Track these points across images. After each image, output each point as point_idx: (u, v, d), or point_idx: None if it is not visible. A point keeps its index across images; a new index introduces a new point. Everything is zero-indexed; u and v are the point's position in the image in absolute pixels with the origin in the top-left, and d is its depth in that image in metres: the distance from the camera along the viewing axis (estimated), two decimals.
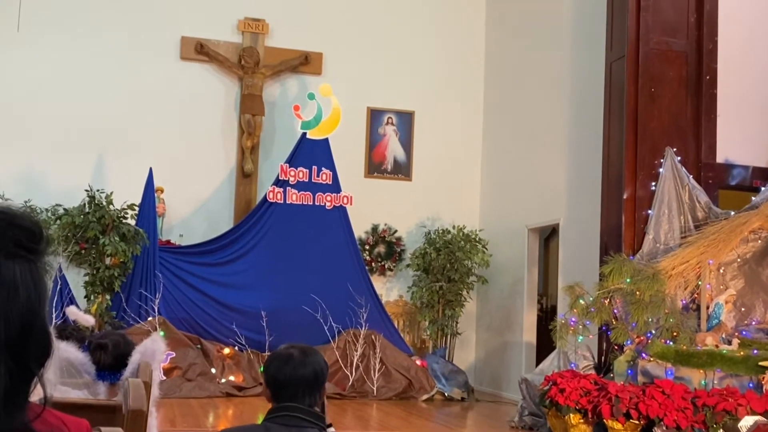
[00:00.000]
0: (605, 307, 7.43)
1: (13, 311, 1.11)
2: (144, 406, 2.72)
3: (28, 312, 1.13)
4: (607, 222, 8.29)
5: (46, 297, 1.17)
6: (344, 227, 10.33)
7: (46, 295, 1.17)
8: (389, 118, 11.87)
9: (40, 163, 10.48)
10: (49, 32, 10.71)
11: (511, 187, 11.14)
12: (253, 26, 11.32)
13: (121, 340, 4.13)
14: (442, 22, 12.07)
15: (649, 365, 6.94)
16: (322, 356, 2.78)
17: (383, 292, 11.31)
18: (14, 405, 1.11)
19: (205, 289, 9.91)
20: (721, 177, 8.22)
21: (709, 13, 8.21)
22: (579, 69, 9.60)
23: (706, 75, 8.14)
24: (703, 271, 7.44)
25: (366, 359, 9.80)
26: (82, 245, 9.43)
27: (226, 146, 11.28)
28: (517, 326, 10.66)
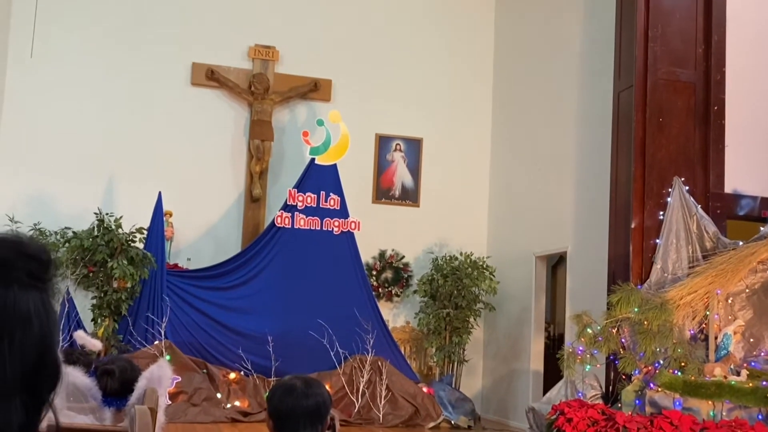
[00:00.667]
0: (613, 336, 7.40)
1: (28, 344, 1.11)
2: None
3: (41, 343, 1.13)
4: (615, 251, 8.27)
5: (57, 326, 1.18)
6: (352, 252, 10.34)
7: (57, 324, 1.17)
8: (397, 144, 11.93)
9: (51, 186, 10.55)
10: (62, 58, 10.83)
11: (518, 214, 11.14)
12: (264, 53, 11.43)
13: (127, 365, 4.14)
14: (450, 50, 12.15)
15: (657, 395, 6.90)
16: (325, 388, 2.78)
17: (390, 318, 11.29)
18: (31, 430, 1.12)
19: (211, 314, 9.90)
20: (729, 207, 8.21)
21: (717, 44, 8.25)
22: (587, 98, 9.64)
23: (714, 105, 8.16)
24: (711, 302, 7.41)
25: (372, 386, 9.76)
26: (90, 268, 9.46)
27: (235, 171, 11.34)
28: (525, 354, 10.61)
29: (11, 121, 10.59)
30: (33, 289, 1.13)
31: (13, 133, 10.58)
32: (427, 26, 12.11)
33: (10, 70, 10.66)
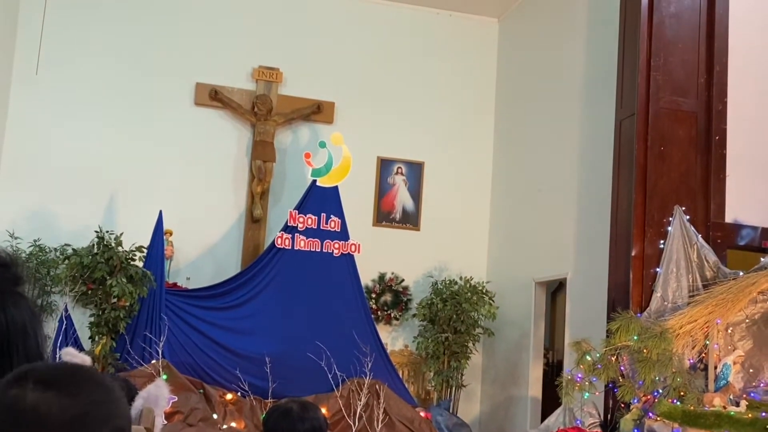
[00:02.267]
0: (612, 364, 7.37)
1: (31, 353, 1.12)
2: None
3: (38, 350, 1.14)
4: (615, 278, 8.27)
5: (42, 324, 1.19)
6: (351, 275, 10.33)
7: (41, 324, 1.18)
8: (399, 168, 11.96)
9: (51, 203, 10.56)
10: (66, 75, 10.89)
11: (519, 239, 11.15)
12: (267, 75, 11.49)
13: (123, 385, 4.11)
14: (453, 75, 12.22)
15: (655, 425, 6.86)
16: (321, 412, 2.79)
17: (389, 342, 11.26)
18: None
19: (209, 333, 9.87)
20: (730, 237, 8.21)
21: (719, 74, 8.30)
22: (589, 125, 9.68)
23: (716, 135, 8.19)
24: (711, 331, 7.39)
25: (369, 409, 9.70)
26: (89, 286, 9.45)
27: (236, 191, 11.36)
28: (523, 380, 10.56)
29: (14, 137, 10.62)
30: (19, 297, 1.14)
31: (16, 149, 10.61)
32: (431, 52, 12.18)
33: (14, 87, 10.71)
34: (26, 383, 1.13)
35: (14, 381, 1.14)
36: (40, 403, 1.11)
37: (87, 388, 1.15)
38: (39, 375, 1.14)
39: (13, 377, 1.15)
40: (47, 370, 1.15)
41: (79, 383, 1.15)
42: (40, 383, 1.13)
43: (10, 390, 1.13)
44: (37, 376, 1.13)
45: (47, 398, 1.11)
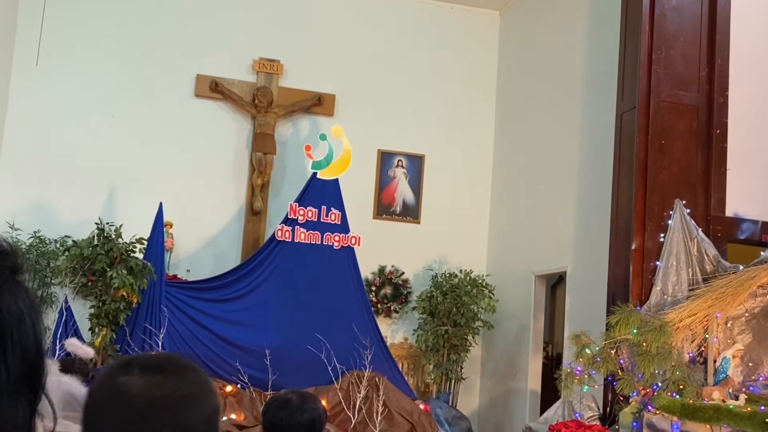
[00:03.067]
0: (611, 357, 7.38)
1: (26, 341, 1.12)
2: None
3: (36, 339, 1.14)
4: (615, 272, 8.27)
5: (41, 315, 1.19)
6: (351, 268, 10.32)
7: (41, 316, 1.19)
8: (399, 160, 11.95)
9: (51, 194, 10.56)
10: (66, 67, 10.87)
11: (519, 233, 11.15)
12: (268, 67, 11.47)
13: None
14: (454, 68, 12.20)
15: (654, 418, 6.87)
16: (321, 403, 2.78)
17: (388, 334, 11.26)
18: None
19: (209, 325, 9.88)
20: (730, 231, 8.21)
21: (720, 67, 8.29)
22: (590, 118, 9.67)
23: (717, 129, 8.19)
24: (710, 325, 7.40)
25: (369, 401, 9.72)
26: (90, 277, 9.45)
27: (236, 183, 11.36)
28: (522, 373, 10.58)
29: (14, 129, 10.62)
30: (16, 285, 1.14)
31: (16, 141, 10.61)
32: (431, 44, 12.16)
33: (14, 78, 10.70)
34: (132, 369, 1.24)
35: (120, 368, 1.25)
36: (151, 385, 1.22)
37: (187, 372, 1.27)
38: (143, 362, 1.25)
39: (118, 365, 1.26)
40: (149, 358, 1.27)
41: (180, 368, 1.27)
42: (146, 369, 1.24)
43: (119, 377, 1.23)
44: (141, 363, 1.24)
45: (156, 381, 1.22)
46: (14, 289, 1.13)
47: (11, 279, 1.14)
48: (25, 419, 1.12)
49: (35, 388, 1.14)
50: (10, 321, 1.11)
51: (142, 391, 1.21)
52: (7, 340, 1.10)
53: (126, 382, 1.22)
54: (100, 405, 1.24)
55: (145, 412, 1.20)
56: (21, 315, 1.12)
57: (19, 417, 1.10)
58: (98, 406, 1.25)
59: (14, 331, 1.11)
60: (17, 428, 1.10)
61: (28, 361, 1.13)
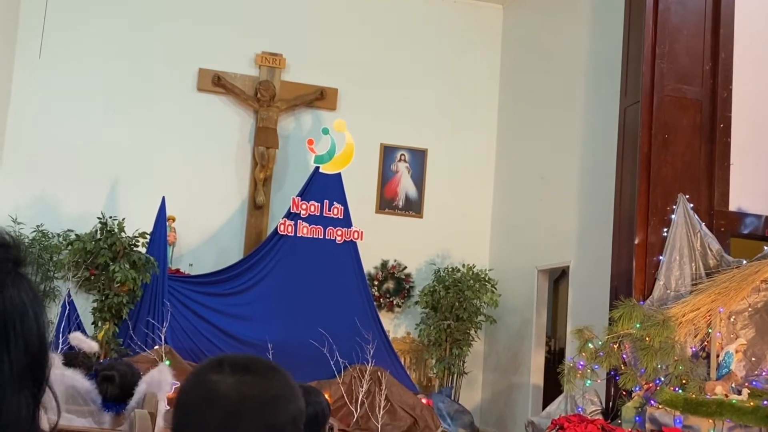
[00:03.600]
0: (614, 351, 7.38)
1: (29, 335, 1.12)
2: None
3: (39, 332, 1.14)
4: (618, 266, 8.26)
5: (44, 308, 1.19)
6: (354, 262, 10.32)
7: (44, 307, 1.19)
8: (402, 155, 11.94)
9: (54, 188, 10.56)
10: (69, 60, 10.86)
11: (521, 227, 11.14)
12: (271, 61, 11.45)
13: (127, 370, 4.13)
14: (457, 62, 12.17)
15: (657, 412, 6.87)
16: (324, 397, 2.78)
17: (391, 329, 11.27)
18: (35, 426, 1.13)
19: (212, 320, 9.89)
20: (734, 225, 8.20)
21: (724, 61, 8.26)
22: (593, 113, 9.65)
23: (720, 123, 8.16)
24: (713, 319, 7.39)
25: (371, 396, 9.72)
26: (92, 271, 9.45)
27: (238, 177, 11.35)
28: (525, 368, 10.58)
29: (18, 122, 10.62)
30: (19, 277, 1.14)
31: (19, 134, 10.60)
32: (434, 39, 12.14)
33: (17, 71, 10.70)
34: (223, 369, 1.27)
35: (211, 368, 1.29)
36: (241, 385, 1.26)
37: (275, 372, 1.31)
38: (233, 362, 1.29)
39: (209, 365, 1.30)
40: (240, 358, 1.31)
41: (269, 369, 1.31)
42: (237, 368, 1.28)
43: (210, 375, 1.27)
44: (232, 363, 1.28)
45: (246, 381, 1.27)
46: (17, 281, 1.13)
47: (14, 271, 1.14)
48: (28, 412, 1.11)
49: (39, 381, 1.14)
50: (13, 313, 1.10)
51: (233, 390, 1.26)
52: (10, 333, 1.09)
53: (217, 381, 1.26)
54: (191, 403, 1.28)
55: (235, 411, 1.24)
56: (24, 307, 1.12)
57: (23, 410, 1.10)
58: (189, 404, 1.28)
59: (17, 324, 1.10)
60: (21, 421, 1.09)
61: (32, 353, 1.12)
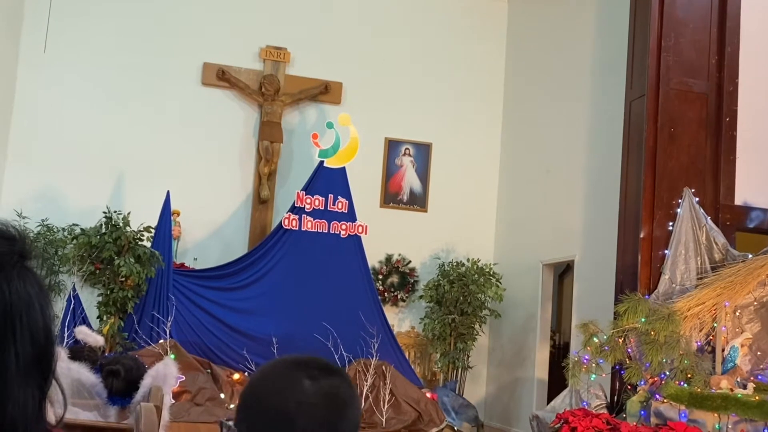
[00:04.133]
0: (619, 346, 7.37)
1: (35, 328, 1.12)
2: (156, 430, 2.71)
3: (45, 325, 1.14)
4: (623, 260, 8.24)
5: (50, 300, 1.19)
6: (358, 256, 10.32)
7: (50, 299, 1.18)
8: (407, 149, 11.92)
9: (59, 182, 10.57)
10: (74, 54, 10.86)
11: (526, 221, 11.12)
12: (275, 55, 11.44)
13: (132, 364, 4.13)
14: (462, 56, 12.14)
15: (662, 406, 6.86)
16: None
17: (395, 323, 11.27)
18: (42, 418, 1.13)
19: (217, 314, 9.90)
20: (739, 219, 8.17)
21: (730, 55, 8.22)
22: (598, 106, 9.62)
23: (726, 117, 8.13)
24: (719, 314, 7.37)
25: (376, 390, 9.73)
26: (97, 266, 9.47)
27: (243, 172, 11.35)
28: (529, 362, 10.57)
29: (22, 116, 10.62)
30: (24, 270, 1.14)
31: (24, 129, 10.61)
32: (439, 33, 12.10)
33: (22, 65, 10.70)
34: (311, 371, 1.30)
35: (298, 368, 1.30)
36: (338, 386, 1.30)
37: (345, 373, 1.36)
38: (317, 364, 1.32)
39: (296, 365, 1.31)
40: (317, 361, 1.34)
41: (341, 370, 1.36)
42: (323, 370, 1.31)
43: (299, 373, 1.29)
44: (318, 365, 1.32)
45: (335, 382, 1.31)
46: (23, 274, 1.13)
47: (20, 264, 1.14)
48: (35, 404, 1.11)
49: (45, 374, 1.14)
50: (19, 305, 1.10)
51: (332, 391, 1.29)
52: (16, 325, 1.09)
53: (312, 383, 1.29)
54: (280, 410, 1.26)
55: (338, 407, 1.28)
56: (30, 300, 1.12)
57: (29, 402, 1.10)
58: (279, 411, 1.27)
59: (23, 316, 1.10)
60: (28, 413, 1.09)
61: (38, 345, 1.12)
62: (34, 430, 1.11)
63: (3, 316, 1.09)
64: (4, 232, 1.16)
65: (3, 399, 1.07)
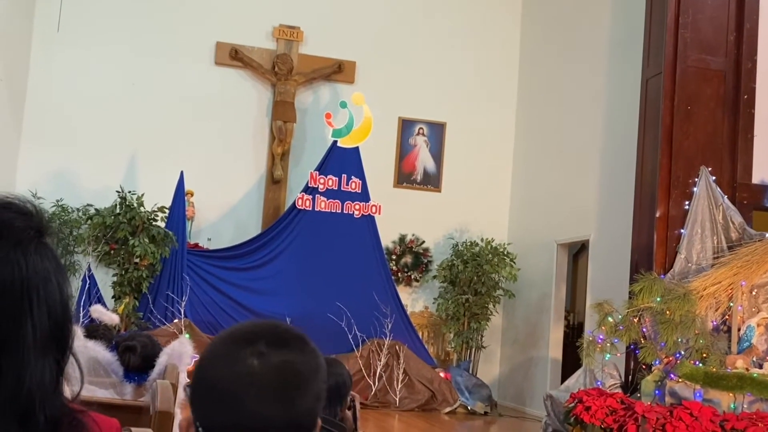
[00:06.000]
0: (634, 325, 7.33)
1: (52, 302, 1.13)
2: (172, 408, 2.72)
3: (62, 299, 1.14)
4: (639, 240, 8.19)
5: (67, 276, 1.19)
6: (372, 236, 10.32)
7: (66, 275, 1.18)
8: (420, 128, 11.86)
9: (74, 163, 10.60)
10: (87, 34, 10.85)
11: (541, 201, 11.06)
12: (288, 34, 11.39)
13: (148, 342, 4.14)
14: (476, 34, 12.04)
15: (677, 386, 6.83)
16: (346, 369, 2.77)
17: (409, 303, 11.28)
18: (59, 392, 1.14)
19: (230, 293, 9.95)
20: (757, 198, 8.08)
21: (749, 31, 8.10)
22: (614, 84, 9.53)
23: (744, 94, 8.02)
24: (735, 293, 7.32)
25: (389, 369, 9.76)
26: (112, 246, 9.52)
27: (256, 152, 11.34)
28: (543, 342, 10.56)
29: (36, 97, 10.64)
30: (44, 247, 1.14)
31: (38, 109, 10.63)
32: (453, 10, 12.00)
33: (36, 45, 10.71)
34: (258, 346, 1.20)
35: (245, 344, 1.21)
36: (292, 359, 1.21)
37: (305, 342, 1.26)
38: (268, 337, 1.23)
39: (244, 340, 1.22)
40: (268, 332, 1.24)
41: (300, 340, 1.25)
42: (272, 345, 1.21)
43: (245, 351, 1.20)
44: (267, 339, 1.22)
45: (288, 356, 1.21)
46: (40, 249, 1.14)
47: (37, 239, 1.14)
48: (52, 377, 1.12)
49: (62, 349, 1.14)
50: (36, 280, 1.11)
51: (278, 365, 1.20)
52: (33, 299, 1.10)
53: (254, 356, 1.20)
54: (224, 388, 1.19)
55: (282, 391, 1.19)
56: (47, 274, 1.13)
57: (46, 375, 1.10)
58: (223, 389, 1.19)
59: (40, 290, 1.11)
60: (45, 386, 1.10)
61: (55, 320, 1.13)
62: (51, 402, 1.11)
63: (20, 290, 1.09)
64: (20, 207, 1.16)
65: (20, 371, 1.08)
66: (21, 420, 1.07)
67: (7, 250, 1.10)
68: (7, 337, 1.08)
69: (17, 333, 1.08)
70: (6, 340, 1.08)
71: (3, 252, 1.10)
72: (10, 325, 1.08)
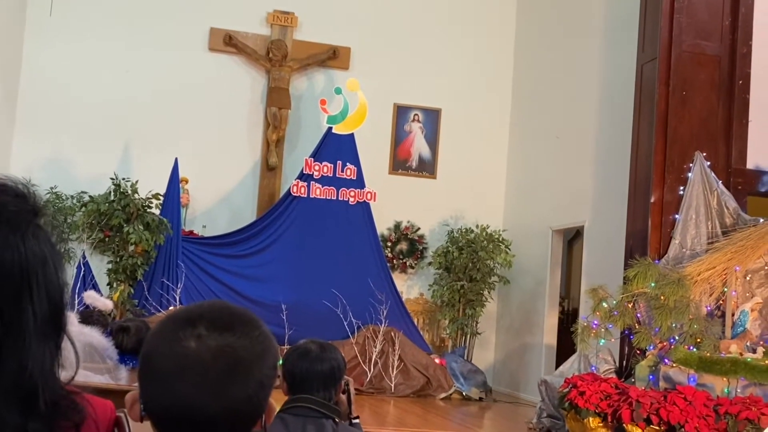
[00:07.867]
0: (628, 310, 7.35)
1: (51, 286, 1.12)
2: None
3: (59, 283, 1.14)
4: (633, 225, 8.20)
5: (63, 259, 1.18)
6: (367, 223, 10.32)
7: (62, 258, 1.18)
8: (416, 115, 11.84)
9: (67, 150, 10.56)
10: (80, 19, 10.79)
11: (536, 187, 11.07)
12: (282, 19, 11.34)
13: (142, 325, 4.16)
14: (471, 20, 12.00)
15: (671, 371, 6.86)
16: (340, 353, 2.79)
17: (404, 290, 11.29)
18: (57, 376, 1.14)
19: (226, 281, 9.95)
20: (751, 183, 8.10)
21: (744, 16, 8.08)
22: (609, 70, 9.52)
23: (739, 80, 8.02)
24: (729, 278, 7.34)
25: (385, 356, 9.78)
26: (107, 233, 9.50)
27: (251, 139, 11.31)
28: (538, 328, 10.59)
29: (29, 83, 10.59)
30: (39, 229, 1.13)
31: (31, 96, 10.58)
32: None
33: (29, 30, 10.64)
34: (199, 328, 1.15)
35: (186, 324, 1.16)
36: (232, 344, 1.16)
37: (252, 326, 1.20)
38: (211, 319, 1.17)
39: (186, 321, 1.17)
40: (212, 314, 1.18)
41: (246, 323, 1.20)
42: (214, 327, 1.16)
43: (184, 331, 1.15)
44: (209, 321, 1.16)
45: (229, 340, 1.16)
46: (36, 232, 1.13)
47: (33, 222, 1.13)
48: (52, 361, 1.12)
49: (59, 332, 1.14)
50: (35, 263, 1.10)
51: (216, 352, 1.15)
52: (33, 283, 1.09)
53: (193, 342, 1.15)
54: (164, 371, 1.15)
55: (223, 376, 1.15)
56: (45, 258, 1.12)
57: (47, 359, 1.11)
58: (162, 372, 1.16)
59: (39, 274, 1.10)
60: (46, 370, 1.10)
61: (54, 303, 1.12)
62: (51, 386, 1.11)
63: (20, 274, 1.09)
64: (15, 189, 1.15)
65: (23, 356, 1.08)
66: (23, 404, 1.07)
67: (5, 234, 1.09)
68: (9, 322, 1.07)
69: (19, 318, 1.08)
70: (8, 325, 1.07)
71: (2, 236, 1.09)
72: (11, 310, 1.07)
